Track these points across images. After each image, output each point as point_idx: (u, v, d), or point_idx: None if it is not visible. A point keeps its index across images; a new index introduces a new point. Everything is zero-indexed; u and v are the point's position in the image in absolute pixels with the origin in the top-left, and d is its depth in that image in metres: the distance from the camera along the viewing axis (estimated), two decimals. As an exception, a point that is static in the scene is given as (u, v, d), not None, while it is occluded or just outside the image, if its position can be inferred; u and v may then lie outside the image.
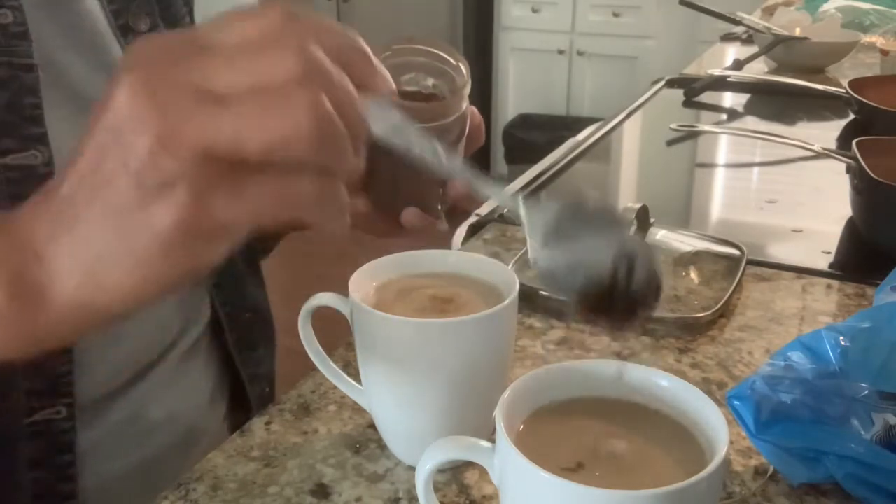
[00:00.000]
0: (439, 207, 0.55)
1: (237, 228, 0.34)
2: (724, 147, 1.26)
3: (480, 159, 0.57)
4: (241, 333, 0.73)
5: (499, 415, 0.40)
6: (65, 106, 0.55)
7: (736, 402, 0.51)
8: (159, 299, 0.36)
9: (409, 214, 0.55)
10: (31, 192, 0.49)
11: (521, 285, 0.52)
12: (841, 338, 0.51)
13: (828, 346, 0.51)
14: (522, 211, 0.40)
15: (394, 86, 0.38)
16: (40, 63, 0.53)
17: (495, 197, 0.40)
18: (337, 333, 0.62)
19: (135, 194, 0.32)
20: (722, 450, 0.37)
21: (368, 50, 0.36)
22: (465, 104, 0.51)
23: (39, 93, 0.53)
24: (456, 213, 0.58)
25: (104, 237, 0.34)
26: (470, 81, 0.50)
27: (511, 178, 1.20)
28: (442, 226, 0.57)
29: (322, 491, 0.52)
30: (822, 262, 0.82)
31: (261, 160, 0.32)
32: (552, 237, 0.39)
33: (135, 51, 0.34)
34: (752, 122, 1.36)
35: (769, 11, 1.86)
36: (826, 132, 1.25)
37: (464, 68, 0.51)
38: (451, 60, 0.51)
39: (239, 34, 0.33)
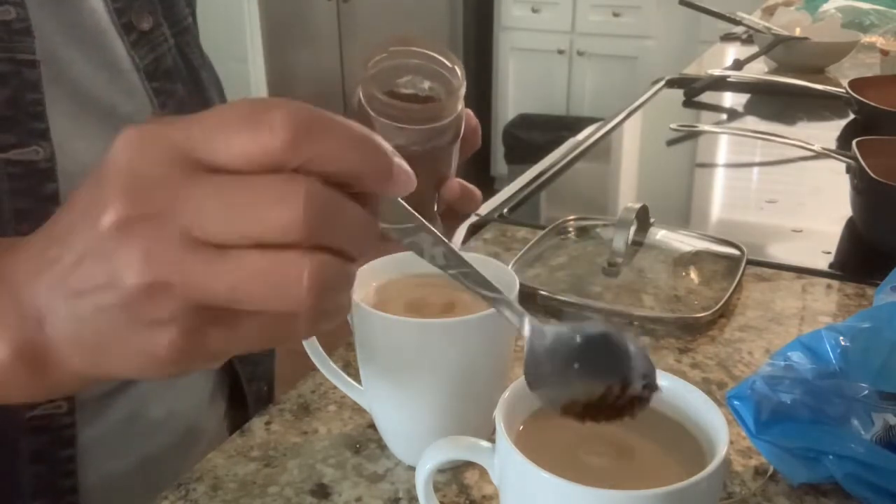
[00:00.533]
0: (434, 209, 0.55)
1: (230, 354, 0.33)
2: (724, 147, 1.26)
3: (481, 159, 0.57)
4: None
5: (499, 415, 0.39)
6: (67, 103, 0.55)
7: (736, 402, 0.51)
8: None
9: None
10: (33, 187, 0.50)
11: (521, 285, 0.52)
12: (841, 338, 0.51)
13: (828, 346, 0.51)
14: (526, 328, 0.39)
15: (414, 182, 0.34)
16: (43, 59, 0.53)
17: (499, 310, 0.39)
18: (337, 333, 0.62)
19: (129, 322, 0.31)
20: (722, 450, 0.37)
21: (384, 146, 0.32)
22: (460, 106, 0.51)
23: (41, 89, 0.53)
24: (451, 215, 0.58)
25: (101, 340, 0.33)
26: (465, 83, 0.50)
27: (511, 178, 1.20)
28: (437, 227, 0.57)
29: (322, 491, 0.52)
30: (822, 262, 0.82)
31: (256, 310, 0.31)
32: (551, 357, 0.39)
33: (120, 158, 0.31)
34: (752, 122, 1.36)
35: (769, 11, 1.86)
36: (826, 132, 1.25)
37: (459, 70, 0.51)
38: (447, 63, 0.51)
39: (241, 153, 0.30)
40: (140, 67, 0.61)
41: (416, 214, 0.36)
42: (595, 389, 0.38)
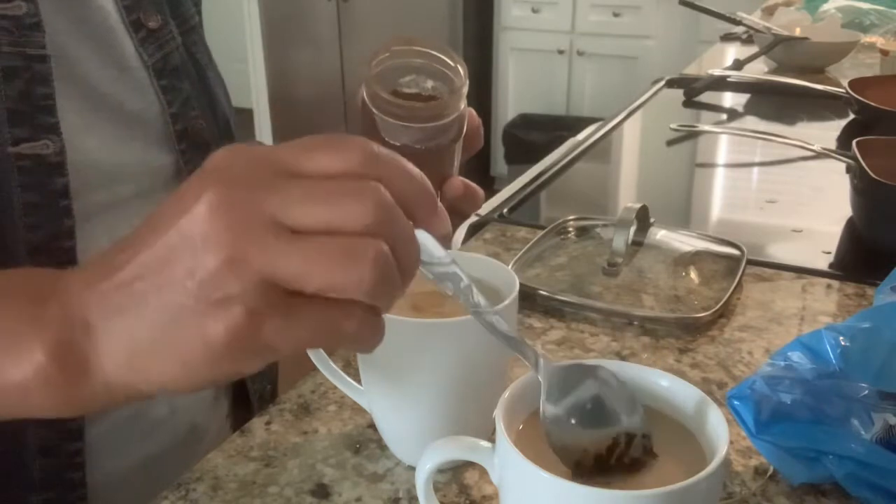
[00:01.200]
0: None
1: (281, 351, 0.35)
2: (724, 147, 1.26)
3: (481, 159, 0.57)
4: None
5: (499, 415, 0.40)
6: (77, 98, 0.56)
7: (736, 402, 0.51)
8: (191, 392, 0.37)
9: None
10: (42, 181, 0.51)
11: (521, 285, 0.52)
12: (841, 338, 0.51)
13: (828, 346, 0.51)
14: (542, 372, 0.42)
15: (450, 227, 0.39)
16: (53, 55, 0.54)
17: (517, 352, 0.42)
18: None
19: (194, 303, 0.33)
20: (722, 450, 0.37)
21: (433, 191, 0.37)
22: (462, 104, 0.52)
23: (52, 83, 0.53)
24: (454, 215, 0.59)
25: (155, 333, 0.35)
26: (468, 82, 0.51)
27: (511, 178, 1.20)
28: None
29: (322, 491, 0.52)
30: (822, 262, 0.82)
31: (317, 294, 0.34)
32: (563, 400, 0.42)
33: (219, 162, 0.35)
34: (752, 122, 1.36)
35: (769, 11, 1.87)
36: (826, 132, 1.25)
37: (461, 70, 0.51)
38: (450, 62, 0.51)
39: (323, 166, 0.35)
40: (148, 65, 0.62)
41: (449, 251, 0.39)
42: (602, 443, 0.41)
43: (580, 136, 1.20)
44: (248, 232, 0.33)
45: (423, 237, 0.37)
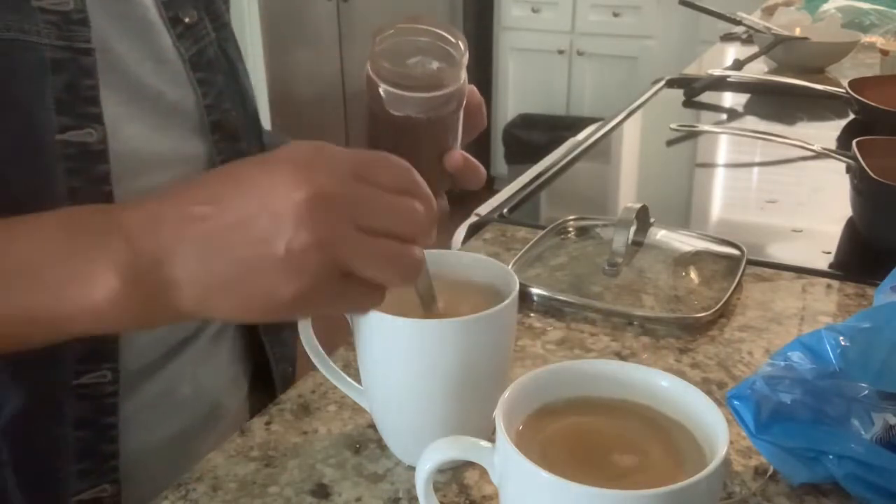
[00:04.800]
0: (438, 184, 0.56)
1: (324, 314, 0.47)
2: (724, 147, 1.26)
3: (481, 159, 0.57)
4: None
5: (499, 415, 0.40)
6: (118, 90, 0.58)
7: (736, 402, 0.51)
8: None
9: None
10: (86, 168, 0.55)
11: (521, 285, 0.52)
12: (841, 338, 0.51)
13: (828, 346, 0.51)
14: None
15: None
16: (97, 48, 0.56)
17: None
18: (337, 333, 0.62)
19: (270, 266, 0.42)
20: (722, 450, 0.37)
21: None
22: (463, 75, 0.53)
23: (96, 75, 0.56)
24: (457, 193, 0.60)
25: (232, 278, 0.43)
26: (468, 54, 0.53)
27: (511, 178, 1.20)
28: (443, 203, 0.58)
29: (322, 491, 0.52)
30: (822, 262, 0.82)
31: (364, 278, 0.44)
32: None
33: (309, 157, 0.43)
34: (752, 122, 1.36)
35: (769, 11, 1.87)
36: (826, 132, 1.25)
37: (462, 44, 0.53)
38: (451, 38, 0.53)
39: (384, 181, 0.44)
40: (185, 58, 0.64)
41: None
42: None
43: (580, 136, 1.20)
44: (339, 226, 0.42)
45: None
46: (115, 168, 0.57)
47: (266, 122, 4.26)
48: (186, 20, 0.65)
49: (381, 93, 0.52)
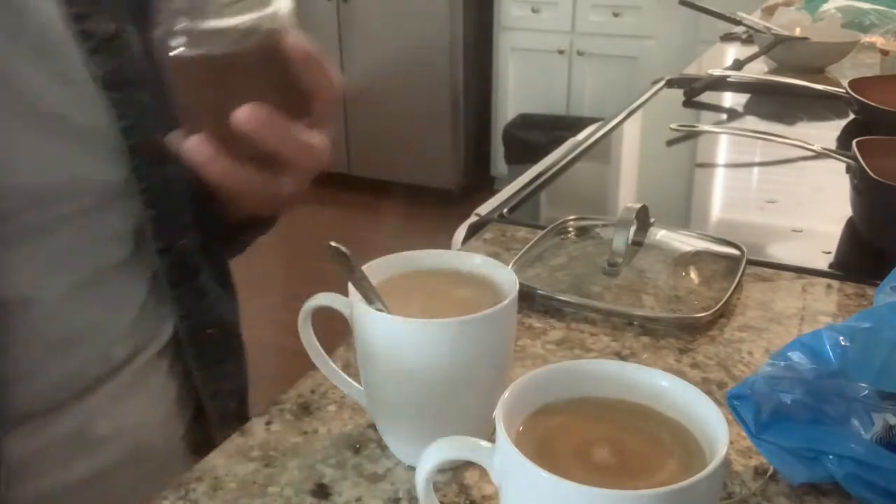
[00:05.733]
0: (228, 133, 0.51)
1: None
2: (724, 147, 1.26)
3: (481, 159, 0.57)
4: (204, 348, 0.71)
5: (499, 415, 0.39)
6: (11, 117, 0.53)
7: (736, 402, 0.51)
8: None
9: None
10: None
11: (521, 285, 0.52)
12: (841, 338, 0.51)
13: (828, 346, 0.51)
14: None
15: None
16: None
17: None
18: (337, 333, 0.62)
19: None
20: (722, 450, 0.37)
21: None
22: (272, 14, 0.48)
23: None
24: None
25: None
26: (281, 8, 0.48)
27: (511, 178, 1.20)
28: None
29: (322, 491, 0.52)
30: (822, 262, 0.82)
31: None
32: None
33: None
34: (752, 122, 1.36)
35: (769, 11, 1.86)
36: (826, 132, 1.25)
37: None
38: None
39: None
40: (98, 77, 0.58)
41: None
42: None
43: (580, 136, 1.20)
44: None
45: None
46: (1, 205, 0.52)
47: (266, 122, 4.18)
48: (104, 32, 0.58)
49: (178, 33, 0.48)
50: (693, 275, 0.78)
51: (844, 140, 1.16)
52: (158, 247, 0.65)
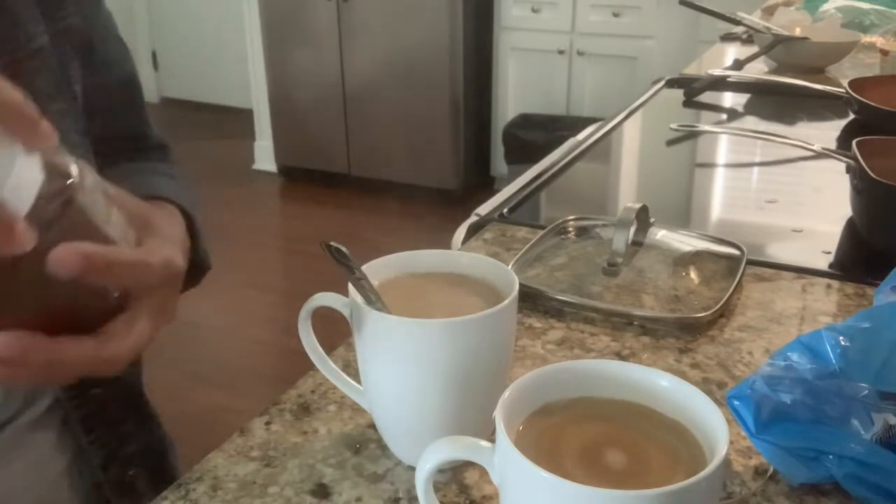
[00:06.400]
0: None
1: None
2: (724, 147, 1.26)
3: (481, 159, 0.57)
4: (91, 410, 0.66)
5: (499, 415, 0.40)
6: None
7: (736, 402, 0.51)
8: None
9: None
10: None
11: (521, 285, 0.52)
12: (841, 338, 0.51)
13: (828, 346, 0.51)
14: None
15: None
16: None
17: None
18: (337, 333, 0.62)
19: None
20: (722, 450, 0.37)
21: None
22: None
23: None
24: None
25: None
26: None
27: (511, 178, 1.20)
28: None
29: (322, 491, 0.52)
30: (822, 262, 0.82)
31: None
32: None
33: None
34: (752, 122, 1.36)
35: (769, 11, 1.87)
36: (826, 132, 1.25)
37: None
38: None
39: None
40: None
41: None
42: None
43: (580, 136, 1.20)
44: None
45: None
46: None
47: (266, 122, 4.24)
48: None
49: None
50: (693, 275, 0.78)
51: (844, 140, 1.16)
52: None
